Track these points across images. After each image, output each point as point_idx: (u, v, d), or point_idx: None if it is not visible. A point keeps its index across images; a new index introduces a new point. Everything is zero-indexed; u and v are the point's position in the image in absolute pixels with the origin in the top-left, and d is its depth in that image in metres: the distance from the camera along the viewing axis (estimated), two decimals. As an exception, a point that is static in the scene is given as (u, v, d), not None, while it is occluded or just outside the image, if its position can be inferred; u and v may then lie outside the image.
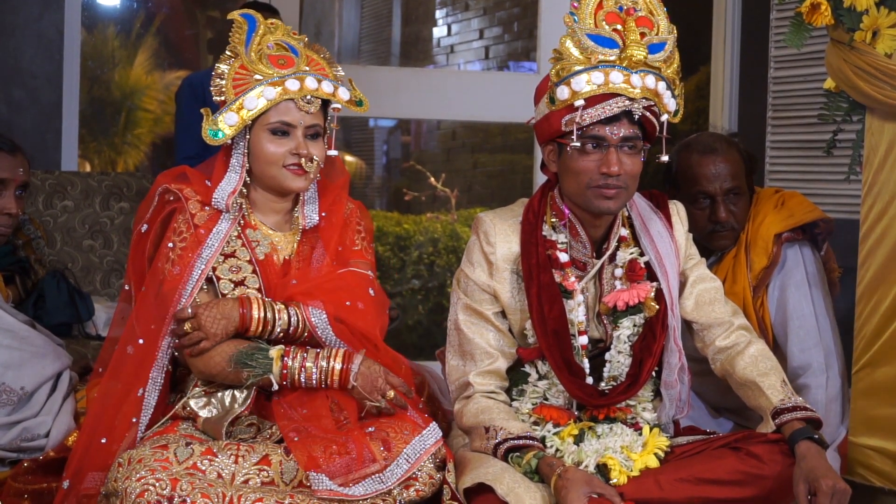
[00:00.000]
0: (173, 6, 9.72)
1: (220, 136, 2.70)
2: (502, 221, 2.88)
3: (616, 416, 2.80)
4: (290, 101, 2.71)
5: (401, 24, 10.13)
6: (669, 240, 2.89)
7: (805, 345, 3.34)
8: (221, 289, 2.71)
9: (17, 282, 3.59)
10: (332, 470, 2.48)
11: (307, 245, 2.83)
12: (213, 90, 2.73)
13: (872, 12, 2.94)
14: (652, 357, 2.81)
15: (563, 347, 2.78)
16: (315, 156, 2.73)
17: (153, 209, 2.78)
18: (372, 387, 2.63)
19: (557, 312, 2.79)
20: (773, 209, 3.41)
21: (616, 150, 2.71)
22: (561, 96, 2.70)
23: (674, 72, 2.76)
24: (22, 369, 3.02)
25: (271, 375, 2.62)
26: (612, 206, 2.75)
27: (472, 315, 2.86)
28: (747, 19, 5.15)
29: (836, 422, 3.30)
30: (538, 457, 2.66)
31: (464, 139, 9.34)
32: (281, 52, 2.75)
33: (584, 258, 2.85)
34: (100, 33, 9.32)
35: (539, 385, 2.83)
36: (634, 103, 2.69)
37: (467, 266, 2.88)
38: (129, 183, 4.51)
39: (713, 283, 2.94)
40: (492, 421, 2.73)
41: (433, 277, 7.80)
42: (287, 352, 2.64)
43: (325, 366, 2.64)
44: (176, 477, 2.44)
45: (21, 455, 2.96)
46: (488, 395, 2.82)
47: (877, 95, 2.98)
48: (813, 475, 2.57)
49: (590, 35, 2.69)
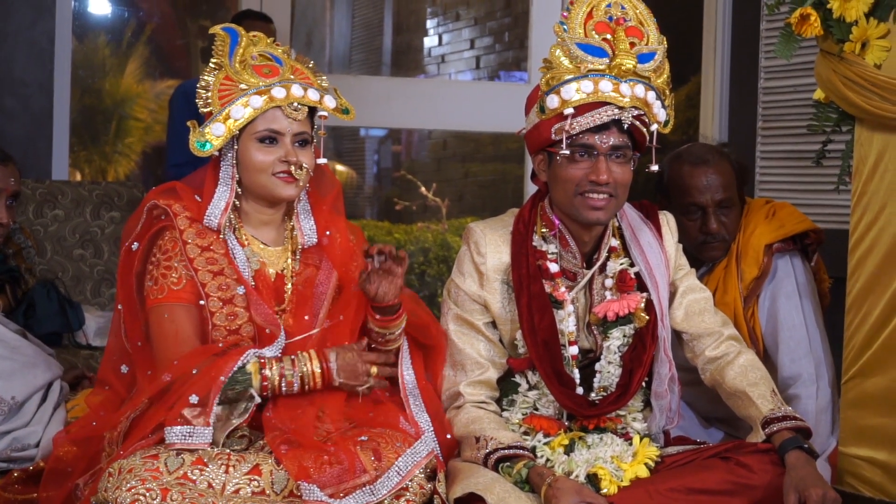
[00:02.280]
0: (164, 15, 9.71)
1: (208, 148, 2.69)
2: (493, 232, 2.88)
3: (606, 427, 2.80)
4: (277, 108, 2.70)
5: (392, 34, 10.14)
6: (659, 250, 2.90)
7: (795, 355, 3.34)
8: (210, 307, 2.70)
9: (7, 291, 3.58)
10: (322, 480, 2.48)
11: (309, 266, 2.81)
12: (198, 102, 2.72)
13: (862, 23, 2.95)
14: (642, 367, 2.81)
15: (554, 357, 2.78)
16: (304, 163, 2.73)
17: (142, 225, 2.76)
18: (355, 374, 2.63)
19: (548, 322, 2.79)
20: (764, 220, 3.42)
21: (605, 159, 2.72)
22: (551, 105, 2.71)
23: (664, 82, 2.77)
24: (13, 379, 3.02)
25: (252, 390, 2.61)
26: (601, 216, 2.76)
27: (463, 325, 2.86)
28: (737, 30, 5.16)
29: (826, 432, 3.30)
30: (528, 466, 2.66)
31: (455, 149, 9.35)
32: (265, 61, 2.75)
33: (574, 268, 2.86)
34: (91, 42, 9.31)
35: (529, 395, 2.84)
36: (624, 112, 2.70)
37: (458, 276, 2.89)
38: (119, 192, 4.50)
39: (703, 294, 2.95)
40: (482, 431, 2.73)
41: (424, 287, 7.80)
42: (264, 364, 2.63)
43: (304, 370, 2.64)
44: (166, 487, 2.44)
45: (11, 465, 2.95)
46: (479, 405, 2.82)
47: (866, 106, 2.99)
48: (803, 484, 2.57)
49: (579, 44, 2.71)
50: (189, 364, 2.60)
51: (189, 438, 2.53)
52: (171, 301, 2.69)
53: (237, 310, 2.70)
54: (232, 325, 2.70)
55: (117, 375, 2.80)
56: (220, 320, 2.70)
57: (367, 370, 2.65)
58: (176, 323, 2.68)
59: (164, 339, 2.68)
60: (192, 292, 2.70)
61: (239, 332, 2.70)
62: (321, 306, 2.77)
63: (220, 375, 2.57)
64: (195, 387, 2.56)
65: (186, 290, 2.69)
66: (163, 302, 2.69)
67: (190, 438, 2.53)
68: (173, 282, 2.70)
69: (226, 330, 2.70)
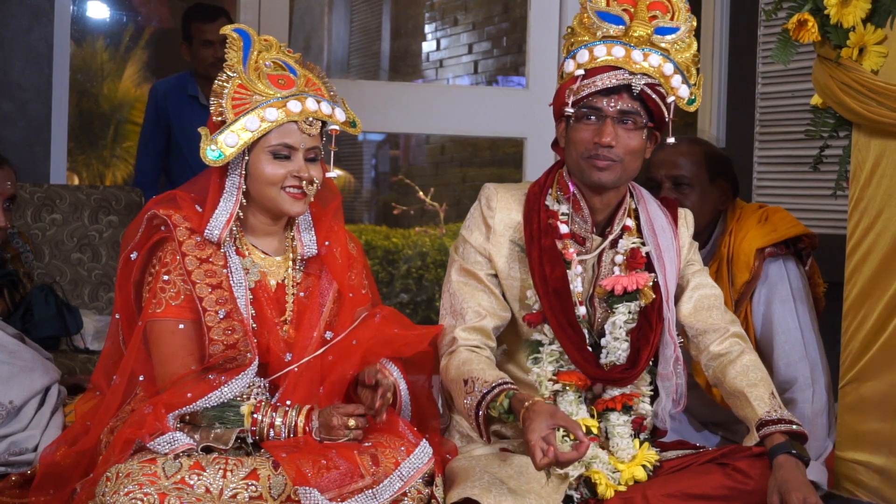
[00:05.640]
0: (163, 19, 9.72)
1: (221, 157, 2.66)
2: (506, 191, 2.91)
3: (632, 405, 2.79)
4: (292, 122, 2.68)
5: (390, 39, 10.15)
6: (672, 237, 2.90)
7: (790, 359, 3.35)
8: (207, 321, 2.69)
9: (5, 295, 3.59)
10: (321, 485, 2.48)
11: (312, 276, 2.81)
12: (211, 109, 2.68)
13: (859, 29, 2.96)
14: (649, 346, 2.80)
15: (566, 307, 2.78)
16: (315, 178, 2.72)
17: (141, 234, 2.75)
18: (333, 430, 2.61)
19: (559, 274, 2.79)
20: (756, 224, 3.42)
21: (612, 123, 2.74)
22: (567, 69, 2.79)
23: (688, 59, 2.79)
24: (10, 383, 3.02)
25: (239, 430, 2.61)
26: (603, 177, 2.76)
27: (466, 276, 2.87)
28: (735, 35, 5.16)
29: (822, 435, 3.31)
30: (510, 396, 2.64)
31: (453, 153, 9.36)
32: (279, 71, 2.73)
33: (584, 233, 2.85)
34: (89, 46, 9.32)
35: (553, 347, 2.81)
36: (634, 77, 2.72)
37: (465, 230, 2.91)
38: (117, 196, 4.50)
39: (714, 291, 2.93)
40: (470, 373, 2.71)
41: (421, 291, 7.80)
42: (257, 408, 2.63)
43: (291, 423, 2.62)
44: (164, 491, 2.44)
45: (9, 469, 2.96)
46: (471, 349, 2.80)
47: (863, 112, 2.99)
48: (785, 488, 2.58)
49: (598, 12, 2.79)
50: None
51: (174, 444, 2.54)
52: (168, 316, 2.68)
53: (235, 324, 2.69)
54: (229, 340, 2.68)
55: (109, 383, 2.79)
56: (218, 335, 2.68)
57: (345, 423, 2.63)
58: (173, 340, 2.67)
59: (160, 355, 2.68)
60: (189, 308, 2.68)
61: (236, 347, 2.68)
62: (321, 317, 2.77)
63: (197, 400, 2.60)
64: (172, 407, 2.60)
65: (184, 306, 2.68)
66: (160, 317, 2.68)
67: (175, 444, 2.54)
68: (171, 296, 2.68)
69: (223, 344, 2.68)
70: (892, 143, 2.99)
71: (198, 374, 2.66)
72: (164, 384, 2.65)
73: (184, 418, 2.63)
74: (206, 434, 2.60)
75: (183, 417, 2.62)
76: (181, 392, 2.62)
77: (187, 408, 2.60)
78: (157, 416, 2.57)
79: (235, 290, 2.69)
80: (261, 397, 2.68)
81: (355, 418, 2.61)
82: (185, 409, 2.60)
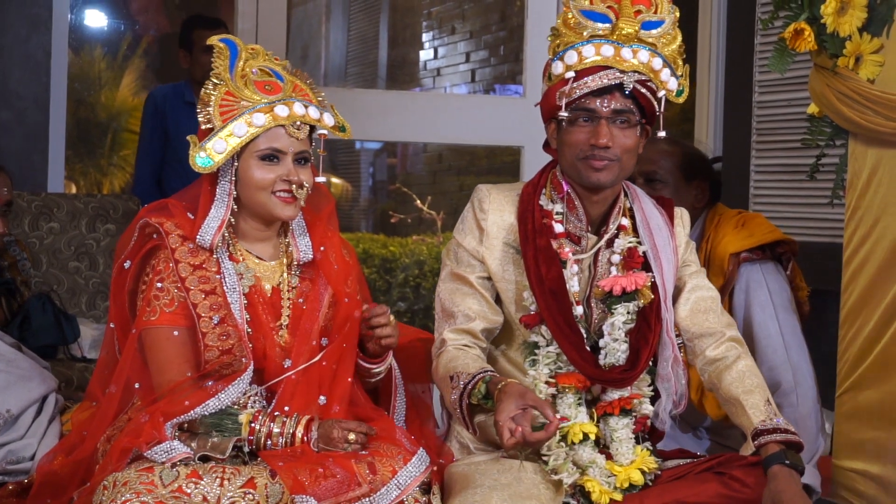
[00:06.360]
0: (160, 28, 9.73)
1: (210, 164, 2.68)
2: (499, 192, 2.90)
3: (631, 409, 2.78)
4: (279, 127, 2.70)
5: (387, 48, 10.16)
6: (669, 235, 2.89)
7: (772, 364, 3.35)
8: (202, 327, 2.69)
9: (2, 303, 3.59)
10: (318, 493, 2.48)
11: (307, 281, 2.81)
12: (199, 118, 2.70)
13: (855, 38, 2.97)
14: (648, 347, 2.78)
15: (563, 307, 2.77)
16: (305, 182, 2.73)
17: (133, 243, 2.75)
18: (332, 441, 2.62)
19: (555, 274, 2.78)
20: (733, 230, 3.43)
21: (607, 123, 2.73)
22: (555, 71, 2.76)
23: (674, 51, 2.79)
24: (8, 392, 3.02)
25: (237, 439, 2.61)
26: (601, 177, 2.76)
27: (457, 281, 2.86)
28: (732, 44, 5.18)
29: (811, 438, 3.29)
30: (486, 381, 2.64)
31: (450, 162, 9.37)
32: (266, 77, 2.75)
33: (579, 232, 2.85)
34: (87, 55, 9.33)
35: (550, 349, 2.80)
36: (625, 76, 2.72)
37: (458, 233, 2.90)
38: (115, 205, 4.51)
39: (710, 293, 2.92)
40: (455, 368, 2.72)
41: (419, 300, 7.81)
42: (255, 417, 2.63)
43: (290, 433, 2.62)
44: (161, 500, 2.43)
45: (6, 478, 2.95)
46: (459, 347, 2.80)
47: (859, 120, 3.00)
48: (778, 499, 2.58)
49: (583, 11, 2.76)
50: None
51: (171, 453, 2.54)
52: (163, 324, 2.68)
53: (229, 329, 2.69)
54: (224, 346, 2.69)
55: (104, 392, 2.79)
56: (212, 340, 2.68)
57: (345, 437, 2.63)
58: (168, 347, 2.67)
59: (156, 363, 2.68)
60: (183, 315, 2.68)
61: (232, 352, 2.69)
62: (317, 322, 2.77)
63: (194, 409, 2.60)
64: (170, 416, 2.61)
65: (178, 313, 2.69)
66: (155, 325, 2.68)
67: (172, 452, 2.54)
68: (165, 304, 2.69)
69: (218, 350, 2.68)
70: (889, 152, 3.00)
71: (194, 381, 2.66)
72: (161, 392, 2.65)
73: (181, 426, 2.63)
74: (204, 443, 2.60)
75: (181, 425, 2.62)
76: (179, 400, 2.62)
77: (185, 416, 2.60)
78: (155, 424, 2.57)
79: (229, 296, 2.69)
80: (258, 406, 2.68)
81: (356, 433, 2.61)
82: (183, 418, 2.60)
